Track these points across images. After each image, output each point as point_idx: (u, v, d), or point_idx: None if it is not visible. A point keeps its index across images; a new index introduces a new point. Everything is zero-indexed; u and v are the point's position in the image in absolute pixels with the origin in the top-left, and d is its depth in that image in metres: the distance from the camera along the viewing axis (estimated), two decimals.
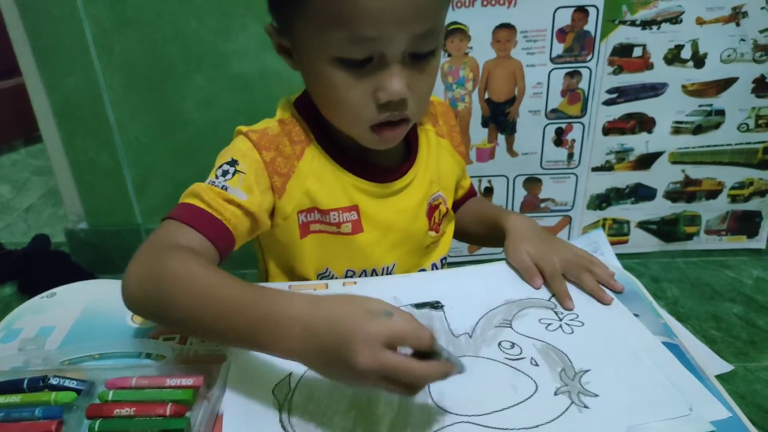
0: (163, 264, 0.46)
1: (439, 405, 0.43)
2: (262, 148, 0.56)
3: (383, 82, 0.50)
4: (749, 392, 1.06)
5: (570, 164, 1.41)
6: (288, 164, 0.57)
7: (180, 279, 0.44)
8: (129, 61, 1.27)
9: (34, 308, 0.57)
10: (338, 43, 0.48)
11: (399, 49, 0.49)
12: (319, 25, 0.49)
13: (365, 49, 0.48)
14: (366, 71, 0.50)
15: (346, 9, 0.46)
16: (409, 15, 0.47)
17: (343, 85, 0.51)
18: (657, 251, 1.52)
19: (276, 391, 0.44)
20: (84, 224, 1.45)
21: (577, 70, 1.31)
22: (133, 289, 0.47)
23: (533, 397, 0.43)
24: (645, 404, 0.42)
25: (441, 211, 0.66)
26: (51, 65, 1.28)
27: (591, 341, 0.50)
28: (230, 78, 1.29)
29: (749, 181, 1.44)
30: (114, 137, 1.34)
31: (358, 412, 0.42)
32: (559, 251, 0.58)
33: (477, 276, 0.61)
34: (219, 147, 1.54)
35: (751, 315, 1.28)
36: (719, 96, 1.34)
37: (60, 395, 0.43)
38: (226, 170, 0.55)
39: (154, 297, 0.46)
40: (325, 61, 0.50)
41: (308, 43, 0.51)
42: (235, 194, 0.53)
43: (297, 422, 0.41)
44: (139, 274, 0.47)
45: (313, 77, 0.54)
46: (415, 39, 0.49)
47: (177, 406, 0.42)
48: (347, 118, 0.54)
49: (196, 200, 0.53)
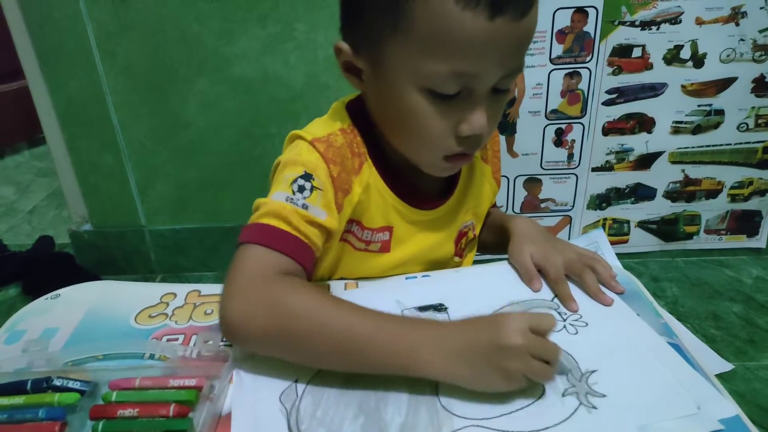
0: (283, 301, 0.45)
1: (447, 409, 0.42)
2: (329, 161, 0.53)
3: (469, 116, 0.49)
4: (749, 391, 1.06)
5: (570, 164, 1.41)
6: (348, 180, 0.55)
7: (310, 318, 0.44)
8: (132, 64, 1.28)
9: (38, 309, 0.57)
10: (434, 76, 0.47)
11: (489, 85, 0.48)
12: (417, 54, 0.46)
13: (459, 84, 0.47)
14: (453, 104, 0.49)
15: (453, 43, 0.45)
16: (513, 52, 0.47)
17: (428, 115, 0.49)
18: (657, 251, 1.52)
19: (283, 399, 0.44)
20: (88, 226, 1.46)
21: (577, 71, 1.31)
22: (249, 327, 0.45)
23: (542, 399, 0.43)
24: (653, 403, 0.42)
25: (468, 237, 0.66)
26: (54, 68, 1.29)
27: (596, 341, 0.49)
28: (232, 81, 1.30)
29: (749, 181, 1.44)
30: (117, 139, 1.35)
31: (367, 418, 0.42)
32: (562, 252, 0.58)
33: (480, 277, 0.60)
34: (221, 148, 1.54)
35: (750, 314, 1.28)
36: (719, 96, 1.34)
37: (63, 396, 0.44)
38: (302, 186, 0.51)
39: (282, 336, 0.45)
40: (413, 90, 0.48)
41: (397, 70, 0.49)
42: (316, 214, 0.51)
43: (306, 430, 0.41)
44: (253, 311, 0.45)
45: (391, 102, 0.51)
46: (506, 75, 0.48)
47: (180, 407, 0.42)
48: (423, 146, 0.53)
49: (282, 223, 0.50)
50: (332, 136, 0.55)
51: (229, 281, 0.47)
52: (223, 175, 1.40)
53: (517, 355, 0.42)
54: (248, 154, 1.37)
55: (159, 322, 0.55)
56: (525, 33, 0.47)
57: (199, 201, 1.43)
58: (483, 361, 0.42)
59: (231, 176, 1.40)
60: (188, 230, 1.46)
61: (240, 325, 0.45)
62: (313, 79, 1.30)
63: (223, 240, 1.44)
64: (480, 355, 0.42)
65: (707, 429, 0.40)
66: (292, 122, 1.34)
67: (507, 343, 0.42)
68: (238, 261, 0.48)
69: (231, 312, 0.45)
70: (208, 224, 1.44)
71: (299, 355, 0.46)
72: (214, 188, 1.41)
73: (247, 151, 1.37)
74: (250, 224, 0.51)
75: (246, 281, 0.46)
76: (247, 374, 0.46)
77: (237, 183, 1.40)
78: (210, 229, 1.45)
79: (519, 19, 0.45)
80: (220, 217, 1.43)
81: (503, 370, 0.42)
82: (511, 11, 0.44)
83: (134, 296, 0.59)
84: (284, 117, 1.34)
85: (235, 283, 0.46)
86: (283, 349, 0.46)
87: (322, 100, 1.32)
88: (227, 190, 1.41)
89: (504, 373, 0.42)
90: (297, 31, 1.24)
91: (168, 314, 0.56)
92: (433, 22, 0.44)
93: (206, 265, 1.50)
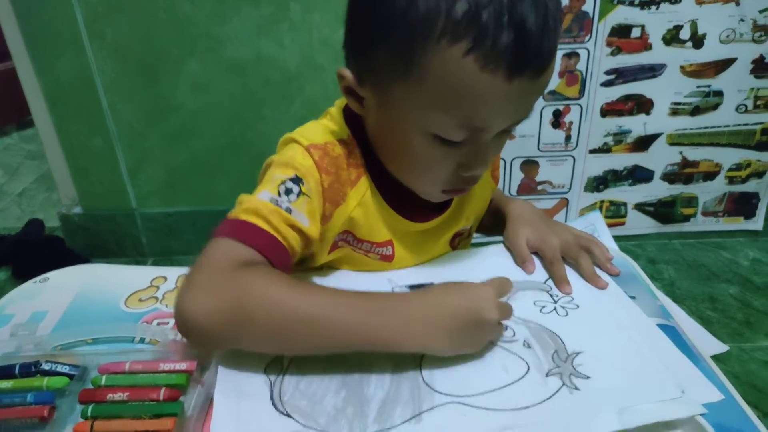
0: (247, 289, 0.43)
1: (429, 385, 0.43)
2: (322, 170, 0.51)
3: (472, 161, 0.49)
4: (743, 372, 1.07)
5: (567, 147, 1.40)
6: (341, 191, 0.53)
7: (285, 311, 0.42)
8: (121, 45, 1.25)
9: (27, 293, 0.57)
10: (442, 125, 0.46)
11: (495, 133, 0.48)
12: (426, 104, 0.45)
13: (467, 133, 0.46)
14: (456, 147, 0.48)
15: (467, 100, 0.43)
16: (527, 107, 0.47)
17: (430, 157, 0.49)
18: (654, 233, 1.52)
19: (268, 370, 0.44)
20: (78, 209, 1.44)
21: (575, 51, 1.29)
22: (209, 319, 0.42)
23: (524, 379, 0.43)
24: (636, 386, 0.42)
25: (463, 236, 0.66)
26: (41, 49, 1.26)
27: (585, 324, 0.49)
28: (225, 62, 1.27)
29: (747, 163, 1.44)
30: (107, 121, 1.33)
31: (349, 391, 0.42)
32: (559, 234, 0.58)
33: (473, 259, 0.60)
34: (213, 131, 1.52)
35: (746, 296, 1.29)
36: (718, 77, 1.33)
37: (52, 380, 0.43)
38: (290, 189, 0.49)
39: (249, 328, 0.42)
40: (417, 133, 0.47)
41: (403, 112, 0.47)
42: (298, 219, 0.49)
43: (288, 401, 0.41)
44: (214, 302, 0.42)
45: (393, 137, 0.51)
46: (514, 124, 0.48)
47: (170, 391, 0.42)
48: (422, 182, 0.53)
49: (261, 221, 0.47)
50: (330, 145, 0.53)
51: (191, 273, 0.44)
52: (215, 159, 1.38)
53: (491, 327, 0.46)
54: (241, 137, 1.35)
55: (149, 306, 0.55)
56: (541, 88, 0.46)
57: (190, 184, 1.41)
58: (460, 332, 0.44)
59: (223, 159, 1.38)
60: (179, 213, 1.44)
61: (197, 319, 0.42)
62: (308, 60, 1.28)
63: (215, 223, 1.41)
64: (458, 328, 0.44)
65: (690, 413, 0.40)
66: (286, 105, 1.32)
67: (487, 318, 0.45)
68: (205, 253, 0.45)
69: (188, 305, 0.42)
70: (199, 208, 1.43)
71: (261, 345, 0.44)
72: (206, 171, 1.40)
73: (240, 134, 1.35)
74: (227, 219, 0.49)
75: (209, 273, 0.44)
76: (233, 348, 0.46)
77: (229, 166, 1.38)
78: (202, 213, 1.43)
79: (537, 77, 0.43)
80: (212, 200, 1.42)
81: (481, 339, 0.46)
82: (530, 72, 0.42)
83: (124, 280, 0.59)
84: (278, 99, 1.32)
85: (197, 275, 0.44)
86: (243, 338, 0.43)
87: (317, 82, 1.30)
88: (219, 173, 1.39)
89: (481, 342, 0.46)
90: (292, 12, 1.22)
91: (158, 298, 0.56)
92: (447, 79, 0.43)
93: (198, 248, 1.46)
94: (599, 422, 0.39)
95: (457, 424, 0.39)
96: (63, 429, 0.40)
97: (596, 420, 0.39)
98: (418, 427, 0.39)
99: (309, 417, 0.40)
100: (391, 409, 0.41)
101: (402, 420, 0.40)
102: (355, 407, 0.41)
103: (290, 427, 0.39)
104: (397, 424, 0.39)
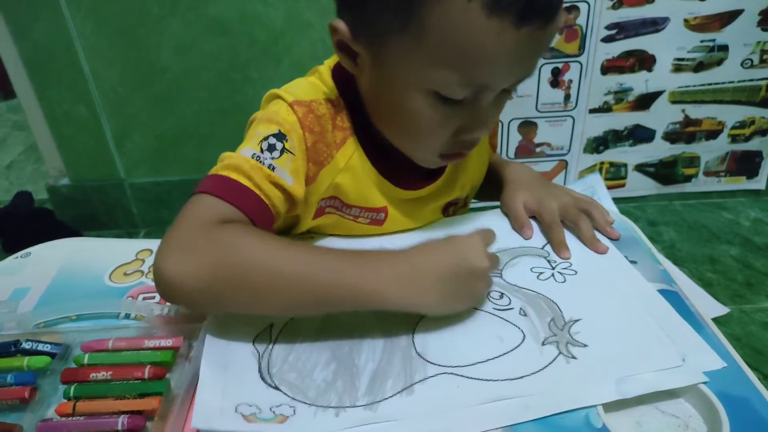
0: (230, 250, 0.41)
1: (422, 356, 0.42)
2: (306, 128, 0.49)
3: (473, 123, 0.47)
4: (744, 334, 1.07)
5: (567, 106, 1.36)
6: (327, 152, 0.50)
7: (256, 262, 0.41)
8: (99, 5, 1.21)
9: (8, 269, 0.55)
10: (443, 81, 0.43)
11: (500, 90, 0.45)
12: (427, 60, 0.42)
13: (470, 90, 0.44)
14: (457, 108, 0.46)
15: (472, 53, 0.41)
16: (532, 60, 0.44)
17: (428, 118, 0.46)
18: (654, 194, 1.50)
19: (256, 342, 0.43)
20: (66, 180, 1.42)
21: (575, 5, 1.24)
22: (190, 280, 0.40)
23: (519, 348, 0.42)
24: (635, 355, 0.41)
25: (458, 205, 0.64)
26: (16, 11, 1.21)
27: (583, 290, 0.48)
28: (208, 21, 1.23)
29: (750, 120, 1.41)
30: (89, 88, 1.29)
31: (339, 364, 0.41)
32: (557, 196, 0.57)
33: (469, 224, 0.59)
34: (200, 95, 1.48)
35: (747, 257, 1.29)
36: (723, 30, 1.28)
37: (33, 360, 0.42)
38: (273, 145, 0.47)
39: (230, 286, 0.41)
40: (416, 92, 0.45)
41: (401, 70, 0.45)
42: (282, 177, 0.47)
43: (276, 373, 0.41)
44: (194, 262, 0.40)
45: (390, 97, 0.48)
46: (519, 80, 0.45)
47: (156, 369, 0.41)
48: (419, 146, 0.50)
49: (242, 177, 0.46)
50: (315, 103, 0.50)
51: (170, 230, 0.42)
52: (204, 124, 1.35)
53: (484, 276, 0.44)
54: (229, 100, 1.32)
55: (134, 280, 0.53)
56: (548, 39, 0.43)
57: (179, 152, 1.38)
58: (451, 286, 0.42)
59: (212, 125, 1.35)
60: (170, 183, 1.42)
61: (178, 280, 0.40)
62: (295, 17, 1.23)
63: None
64: (447, 281, 0.42)
65: (691, 381, 0.39)
66: (273, 66, 1.29)
67: (477, 266, 0.43)
68: (184, 210, 0.44)
69: (168, 266, 0.40)
70: (190, 176, 1.40)
71: (244, 304, 0.42)
72: (195, 138, 1.37)
73: (228, 97, 1.32)
74: (207, 176, 0.47)
75: (188, 230, 0.42)
76: (221, 318, 0.45)
77: (218, 132, 1.35)
78: (192, 181, 1.36)
79: (545, 26, 0.41)
80: (203, 168, 1.34)
81: (472, 291, 0.44)
82: (540, 18, 0.40)
83: (109, 253, 0.57)
84: (265, 60, 1.28)
85: (176, 234, 0.42)
86: (225, 298, 0.42)
87: (305, 40, 1.26)
88: (208, 139, 1.37)
89: (472, 294, 0.44)
90: None
91: (144, 271, 0.54)
92: (450, 29, 0.40)
93: None
94: (597, 392, 0.38)
95: (450, 396, 0.39)
96: (45, 410, 0.39)
97: (594, 390, 0.38)
98: (409, 399, 0.38)
99: (298, 390, 0.39)
100: (382, 381, 0.40)
101: (393, 392, 0.39)
102: (345, 380, 0.40)
103: (278, 400, 0.38)
104: (388, 396, 0.39)
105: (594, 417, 0.37)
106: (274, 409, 0.38)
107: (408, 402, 0.38)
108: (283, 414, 0.37)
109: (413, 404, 0.38)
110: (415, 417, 0.37)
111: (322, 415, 0.37)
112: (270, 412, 0.37)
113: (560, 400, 0.38)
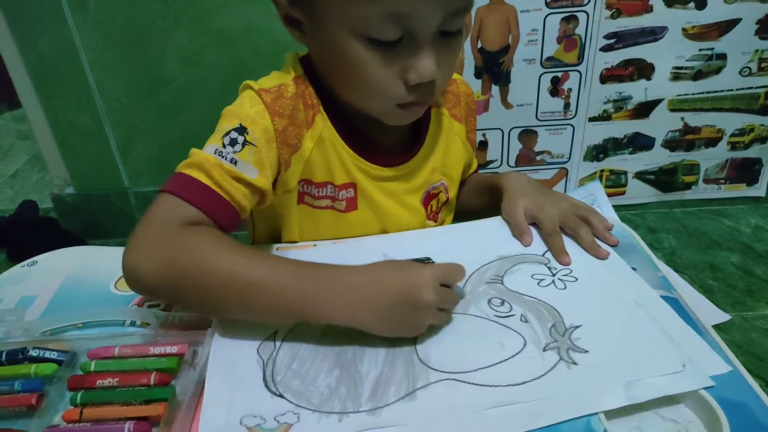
0: (185, 251, 0.43)
1: (424, 362, 0.42)
2: (275, 113, 0.50)
3: (415, 63, 0.47)
4: (745, 341, 1.07)
5: (566, 115, 1.37)
6: (298, 134, 0.52)
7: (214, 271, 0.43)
8: (105, 18, 1.22)
9: (15, 278, 0.56)
10: (369, 20, 0.45)
11: (432, 28, 0.46)
12: None
13: (398, 28, 0.45)
14: (396, 51, 0.46)
15: None
16: None
17: (370, 64, 0.47)
18: (654, 202, 1.51)
19: (261, 351, 0.44)
20: (70, 189, 1.43)
21: (574, 15, 1.25)
22: (149, 275, 0.44)
23: (520, 354, 0.42)
24: (636, 360, 0.41)
25: (440, 200, 0.64)
26: (22, 24, 1.22)
27: (584, 296, 0.48)
28: (212, 33, 1.24)
29: (749, 128, 1.41)
30: (94, 98, 1.30)
31: (342, 370, 0.42)
32: (557, 203, 0.57)
33: (470, 232, 0.59)
34: (204, 106, 1.49)
35: (748, 264, 1.28)
36: (721, 39, 1.29)
37: (40, 367, 0.42)
38: (234, 139, 0.49)
39: (183, 285, 0.43)
40: (352, 38, 0.46)
41: (332, 18, 0.47)
42: (244, 171, 0.48)
43: (280, 381, 0.41)
44: (154, 259, 0.44)
45: (332, 53, 0.49)
46: (449, 17, 0.46)
47: (161, 375, 0.41)
48: (371, 96, 0.51)
49: (203, 176, 0.48)
50: (284, 86, 0.52)
51: (137, 228, 0.46)
52: (207, 134, 1.33)
53: (427, 310, 0.43)
54: None
55: None
56: None
57: (183, 161, 1.38)
58: (392, 312, 0.42)
59: None
60: None
61: (137, 273, 0.44)
62: None
63: None
64: (390, 306, 0.42)
65: (698, 385, 0.39)
66: None
67: (420, 301, 0.42)
68: (150, 209, 0.47)
69: (132, 261, 0.44)
70: None
71: (197, 303, 0.45)
72: (199, 147, 1.37)
73: None
74: (174, 173, 0.49)
75: (151, 230, 0.45)
76: (226, 327, 0.45)
77: None
78: None
79: None
80: None
81: (412, 323, 0.43)
82: None
83: (114, 261, 0.56)
84: (270, 71, 1.27)
85: (141, 232, 0.45)
86: (180, 296, 0.45)
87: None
88: None
89: (411, 326, 0.43)
90: None
91: None
92: None
93: None
94: (605, 398, 0.38)
95: (451, 401, 0.39)
96: (52, 417, 0.40)
97: (602, 396, 0.38)
98: (412, 404, 0.39)
99: (302, 397, 0.40)
100: (385, 387, 0.40)
101: (396, 398, 0.39)
102: (349, 386, 0.40)
103: (283, 408, 0.39)
104: (391, 402, 0.39)
105: (595, 423, 0.37)
106: (279, 418, 0.38)
107: (410, 407, 0.38)
108: (288, 422, 0.38)
109: (416, 410, 0.38)
110: (418, 423, 0.37)
111: (326, 421, 0.38)
112: (274, 422, 0.38)
113: (570, 406, 0.38)
